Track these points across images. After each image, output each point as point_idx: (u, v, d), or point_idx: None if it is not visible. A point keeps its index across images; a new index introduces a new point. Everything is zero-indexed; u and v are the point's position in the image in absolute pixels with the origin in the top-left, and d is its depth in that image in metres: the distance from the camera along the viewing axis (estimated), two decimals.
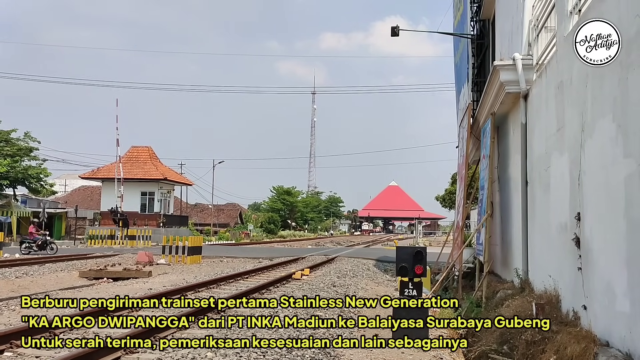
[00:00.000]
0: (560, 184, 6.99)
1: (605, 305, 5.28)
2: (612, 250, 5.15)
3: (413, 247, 6.74)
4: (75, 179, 60.87)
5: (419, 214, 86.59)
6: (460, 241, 13.51)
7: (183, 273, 15.73)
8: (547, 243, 7.80)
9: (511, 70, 9.21)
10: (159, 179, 41.29)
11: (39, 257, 20.32)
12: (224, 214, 72.61)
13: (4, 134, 36.84)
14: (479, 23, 16.01)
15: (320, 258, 20.86)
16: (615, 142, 5.03)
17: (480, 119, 13.30)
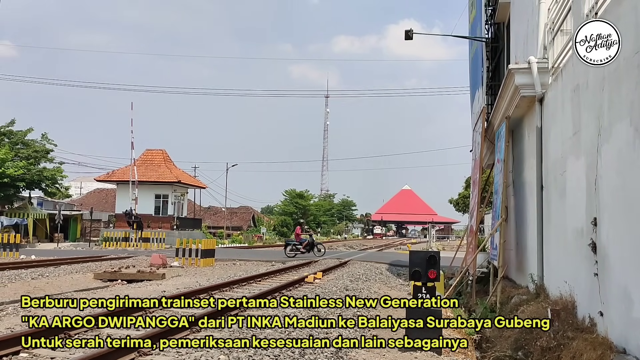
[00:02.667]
0: (576, 189, 6.91)
1: (622, 311, 5.20)
2: (629, 256, 5.07)
3: (426, 252, 6.71)
4: (91, 182, 61.54)
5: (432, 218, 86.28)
6: (474, 245, 13.41)
7: (196, 276, 15.80)
8: (563, 248, 7.71)
9: (526, 74, 9.14)
10: (172, 181, 41.54)
11: (54, 259, 20.51)
12: (237, 217, 72.87)
13: (21, 135, 37.13)
14: (494, 26, 15.92)
15: (333, 262, 20.83)
16: (633, 147, 4.96)
17: (494, 122, 13.21)
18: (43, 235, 38.80)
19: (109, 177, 43.30)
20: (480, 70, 17.02)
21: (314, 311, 8.63)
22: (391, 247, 47.48)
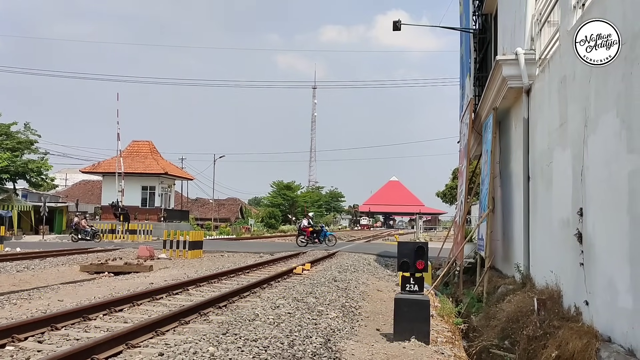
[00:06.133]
0: (562, 180, 6.97)
1: (607, 301, 5.27)
2: (614, 246, 5.14)
3: (415, 243, 6.73)
4: (76, 173, 60.86)
5: (419, 209, 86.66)
6: (461, 236, 13.51)
7: (184, 267, 15.74)
8: (549, 238, 7.79)
9: (514, 65, 9.18)
10: (159, 173, 41.25)
11: (39, 252, 20.32)
12: (225, 208, 72.65)
13: (4, 127, 36.62)
14: (481, 17, 15.95)
15: (321, 253, 20.86)
16: (619, 138, 5.01)
17: (482, 114, 13.27)
18: (28, 228, 38.38)
19: (95, 168, 42.89)
20: (468, 61, 17.06)
21: (302, 302, 8.64)
22: (379, 238, 47.66)
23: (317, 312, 7.88)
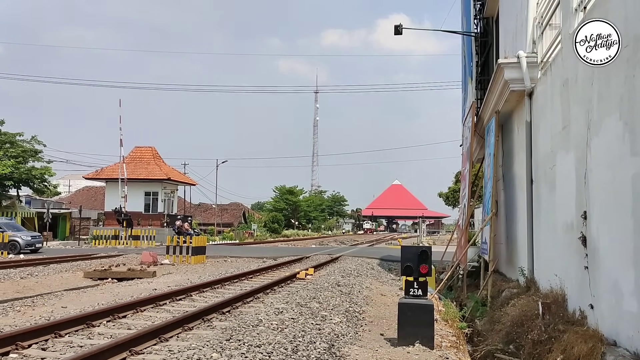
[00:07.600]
0: (566, 183, 6.95)
1: (612, 304, 5.25)
2: (619, 249, 5.11)
3: (418, 247, 6.71)
4: (79, 180, 60.99)
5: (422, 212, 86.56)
6: (465, 240, 13.47)
7: (187, 273, 15.73)
8: (553, 242, 7.76)
9: (515, 68, 9.17)
10: (162, 179, 41.28)
11: (43, 258, 20.34)
12: (228, 213, 72.65)
13: (10, 136, 36.80)
14: (483, 21, 15.95)
15: (324, 257, 20.83)
16: (622, 141, 4.99)
17: (484, 117, 13.26)
18: None
19: (98, 174, 42.95)
20: (470, 64, 17.06)
21: (306, 307, 8.62)
22: (382, 242, 47.60)
23: (320, 317, 7.86)
